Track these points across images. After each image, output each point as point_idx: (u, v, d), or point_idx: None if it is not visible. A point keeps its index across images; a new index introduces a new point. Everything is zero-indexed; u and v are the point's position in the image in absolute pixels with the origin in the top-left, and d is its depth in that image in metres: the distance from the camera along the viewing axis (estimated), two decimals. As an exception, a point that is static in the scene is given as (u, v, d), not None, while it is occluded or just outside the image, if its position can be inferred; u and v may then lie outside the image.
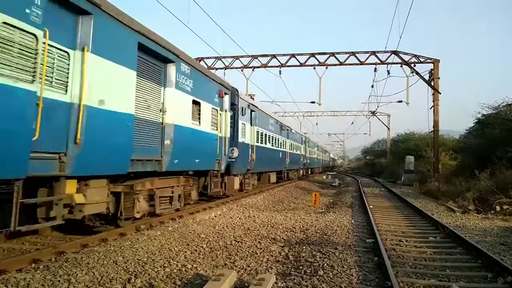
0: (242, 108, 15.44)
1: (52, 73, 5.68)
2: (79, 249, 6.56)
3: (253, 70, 26.13)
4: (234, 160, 14.17)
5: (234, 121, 14.56)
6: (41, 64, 5.22)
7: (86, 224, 8.03)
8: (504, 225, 10.80)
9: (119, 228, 7.92)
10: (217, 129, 12.26)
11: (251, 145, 16.90)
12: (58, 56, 5.78)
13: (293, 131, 30.26)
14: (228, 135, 13.53)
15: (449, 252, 7.72)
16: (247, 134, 16.37)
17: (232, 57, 26.26)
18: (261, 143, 18.91)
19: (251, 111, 17.05)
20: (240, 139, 15.12)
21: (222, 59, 26.26)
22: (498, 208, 13.29)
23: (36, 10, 5.04)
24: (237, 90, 14.69)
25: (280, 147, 24.52)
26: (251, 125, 16.97)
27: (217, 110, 12.30)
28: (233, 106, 14.31)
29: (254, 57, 26.03)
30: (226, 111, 13.16)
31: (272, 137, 21.71)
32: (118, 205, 7.75)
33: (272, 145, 21.90)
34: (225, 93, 13.05)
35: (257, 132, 18.17)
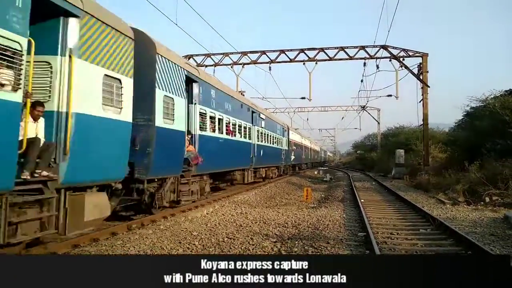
0: (289, 132, 32.27)
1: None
2: (69, 249, 6.50)
3: (242, 66, 25.91)
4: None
5: (288, 139, 30.54)
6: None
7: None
8: (494, 216, 10.93)
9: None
10: (282, 146, 27.57)
11: (290, 150, 32.40)
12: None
13: (303, 135, 46.35)
14: (287, 148, 30.14)
15: (439, 244, 7.81)
16: (291, 145, 32.98)
17: (221, 54, 26.00)
18: (292, 147, 33.82)
19: (292, 132, 34.69)
20: (289, 148, 31.05)
21: (212, 56, 26.00)
22: (487, 199, 13.44)
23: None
24: (287, 126, 32.03)
25: (299, 149, 39.42)
26: (288, 139, 32.15)
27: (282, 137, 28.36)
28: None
29: (244, 53, 25.84)
30: (285, 136, 29.92)
31: (297, 143, 37.86)
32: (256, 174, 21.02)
33: (296, 148, 36.49)
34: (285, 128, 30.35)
35: (293, 143, 34.72)
